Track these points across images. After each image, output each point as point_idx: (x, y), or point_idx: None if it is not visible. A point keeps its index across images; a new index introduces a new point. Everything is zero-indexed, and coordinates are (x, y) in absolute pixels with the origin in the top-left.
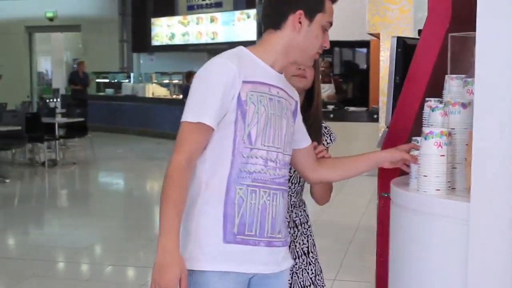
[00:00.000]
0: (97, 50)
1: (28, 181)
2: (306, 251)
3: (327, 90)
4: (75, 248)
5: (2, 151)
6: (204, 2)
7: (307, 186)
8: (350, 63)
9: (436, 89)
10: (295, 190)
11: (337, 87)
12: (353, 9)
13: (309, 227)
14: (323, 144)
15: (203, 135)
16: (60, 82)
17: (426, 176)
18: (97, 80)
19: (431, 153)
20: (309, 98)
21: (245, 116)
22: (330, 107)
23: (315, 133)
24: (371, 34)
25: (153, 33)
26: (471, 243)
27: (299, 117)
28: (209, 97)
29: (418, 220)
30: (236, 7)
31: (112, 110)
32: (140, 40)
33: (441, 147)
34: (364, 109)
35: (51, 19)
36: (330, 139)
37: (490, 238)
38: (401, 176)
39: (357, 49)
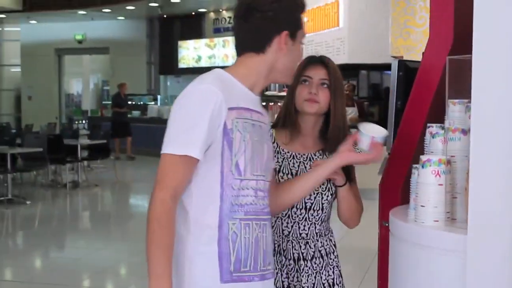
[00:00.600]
0: (124, 72)
1: (48, 203)
2: (331, 283)
3: (350, 113)
4: (96, 271)
5: (25, 173)
6: (230, 25)
7: (333, 214)
8: (376, 86)
9: (439, 114)
10: (319, 218)
11: (360, 110)
12: (377, 32)
13: (335, 257)
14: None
15: (188, 168)
16: (88, 104)
17: (423, 206)
18: None
19: (428, 182)
20: (328, 123)
21: (232, 145)
22: (353, 131)
23: None
24: (394, 57)
25: (179, 55)
26: (469, 277)
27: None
28: (196, 127)
29: (415, 252)
30: None
31: (138, 132)
32: (167, 62)
33: (439, 176)
34: None
35: (80, 42)
36: None
37: (487, 272)
38: (402, 205)
39: (384, 72)
